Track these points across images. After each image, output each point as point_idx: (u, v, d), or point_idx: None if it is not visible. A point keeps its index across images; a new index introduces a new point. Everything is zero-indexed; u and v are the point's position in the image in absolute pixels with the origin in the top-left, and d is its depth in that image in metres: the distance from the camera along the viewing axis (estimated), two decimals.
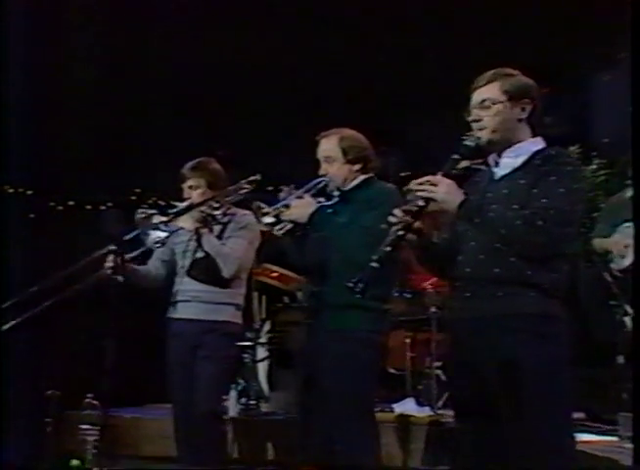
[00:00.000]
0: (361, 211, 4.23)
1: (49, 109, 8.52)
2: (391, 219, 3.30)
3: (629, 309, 5.51)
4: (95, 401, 6.08)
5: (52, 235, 8.72)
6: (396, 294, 6.03)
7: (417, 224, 3.31)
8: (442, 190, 3.24)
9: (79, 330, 6.55)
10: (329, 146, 4.42)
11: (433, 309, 6.07)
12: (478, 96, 3.39)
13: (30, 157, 8.50)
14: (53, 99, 8.52)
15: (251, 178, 4.85)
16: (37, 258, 7.69)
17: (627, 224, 5.73)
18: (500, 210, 3.23)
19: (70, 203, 9.55)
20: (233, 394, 5.75)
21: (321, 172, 4.40)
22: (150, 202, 9.62)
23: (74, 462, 5.43)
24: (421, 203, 3.26)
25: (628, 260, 5.74)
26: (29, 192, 9.25)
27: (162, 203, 9.37)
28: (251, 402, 6.14)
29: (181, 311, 5.04)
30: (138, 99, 8.64)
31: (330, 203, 4.37)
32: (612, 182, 7.16)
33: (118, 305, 4.84)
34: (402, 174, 8.42)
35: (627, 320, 5.58)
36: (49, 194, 9.40)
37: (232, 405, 5.77)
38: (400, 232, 3.27)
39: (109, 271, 4.49)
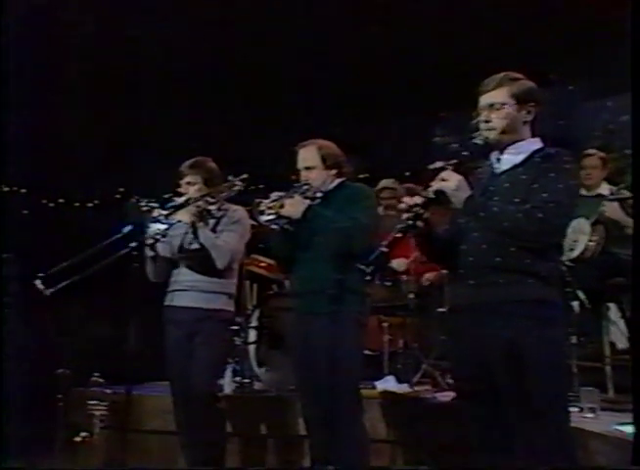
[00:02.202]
0: (346, 207, 4.36)
1: (41, 114, 8.44)
2: (401, 206, 3.37)
3: (581, 295, 5.53)
4: (101, 379, 6.12)
5: (44, 229, 8.70)
6: (377, 282, 6.01)
7: (426, 214, 3.35)
8: (452, 184, 3.29)
9: (87, 315, 6.44)
10: (309, 155, 4.53)
11: (411, 296, 6.05)
12: (487, 99, 3.43)
13: (25, 159, 8.54)
14: (45, 106, 8.42)
15: (242, 177, 4.91)
16: (30, 249, 7.55)
17: (576, 220, 5.75)
18: (502, 204, 3.27)
19: (61, 200, 9.69)
20: (228, 373, 5.67)
21: (303, 180, 4.50)
22: (133, 200, 9.63)
23: None
24: (431, 195, 3.32)
25: (576, 252, 5.78)
26: (24, 190, 9.41)
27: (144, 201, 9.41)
28: (245, 381, 6.10)
29: (178, 300, 4.99)
30: (123, 105, 8.55)
31: (315, 203, 4.42)
32: None
33: (120, 292, 4.83)
34: (360, 176, 8.46)
35: (576, 305, 5.59)
36: (42, 192, 9.55)
37: (227, 384, 5.70)
38: (410, 221, 3.32)
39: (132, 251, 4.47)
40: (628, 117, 8.11)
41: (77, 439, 5.73)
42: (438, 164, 3.45)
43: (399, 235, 3.33)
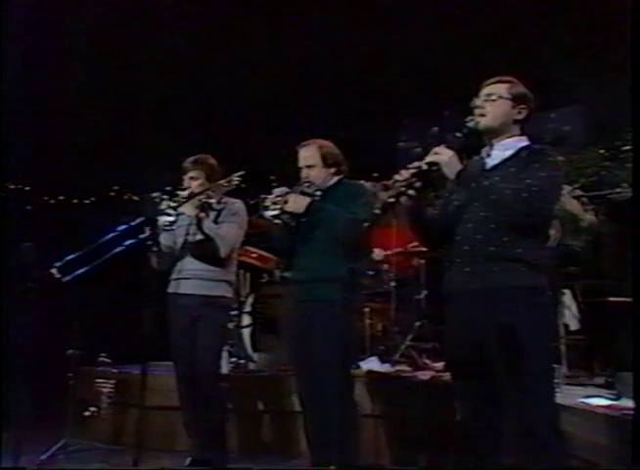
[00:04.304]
0: (344, 203, 4.21)
1: (43, 118, 8.33)
2: (398, 177, 3.25)
3: None
4: (108, 359, 6.02)
5: (45, 223, 8.51)
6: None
7: (418, 184, 3.24)
8: (445, 157, 3.21)
9: (96, 300, 6.30)
10: (310, 153, 4.38)
11: (392, 284, 5.94)
12: (485, 91, 3.35)
13: (29, 159, 8.38)
14: (46, 111, 8.30)
15: (240, 173, 4.79)
16: (33, 243, 7.39)
17: None
18: (493, 181, 3.19)
19: (61, 197, 9.56)
20: (224, 354, 5.51)
21: (303, 177, 4.36)
22: (125, 197, 9.62)
23: None
24: (425, 166, 3.22)
25: None
26: (27, 188, 9.32)
27: (137, 198, 9.41)
28: (241, 362, 5.99)
29: (183, 287, 4.84)
30: (120, 107, 8.41)
31: (315, 199, 4.30)
32: None
33: (126, 280, 4.69)
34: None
35: None
36: (43, 190, 9.40)
37: (224, 364, 5.53)
38: (403, 188, 3.23)
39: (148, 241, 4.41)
40: (570, 127, 8.20)
41: (86, 413, 5.70)
42: (416, 164, 3.36)
43: (393, 200, 3.23)
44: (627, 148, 7.52)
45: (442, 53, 7.83)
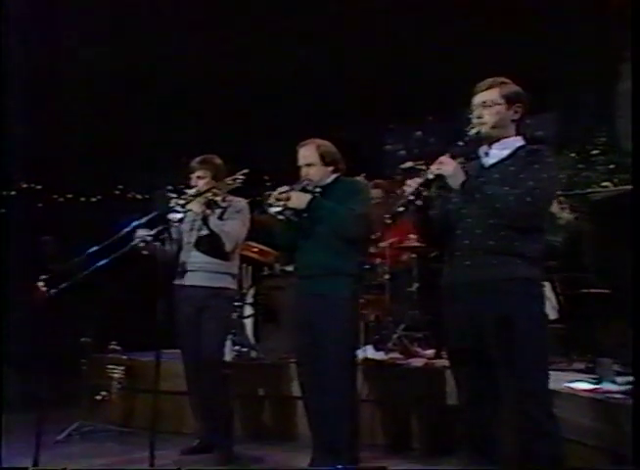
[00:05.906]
0: (343, 198, 4.16)
1: (52, 121, 8.29)
2: (406, 188, 3.23)
3: None
4: (118, 347, 5.97)
5: (55, 219, 8.50)
6: None
7: (425, 193, 3.23)
8: (450, 168, 3.18)
9: (108, 292, 6.24)
10: (309, 153, 4.31)
11: (386, 277, 5.95)
12: (480, 98, 3.31)
13: (39, 160, 8.44)
14: (54, 114, 8.28)
15: (244, 172, 4.75)
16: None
17: None
18: (496, 188, 3.16)
19: (69, 195, 9.52)
20: (228, 343, 5.46)
21: (303, 175, 4.29)
22: (129, 196, 9.57)
23: None
24: (431, 176, 3.20)
25: None
26: (38, 187, 9.28)
27: (140, 197, 9.37)
28: (243, 350, 5.94)
29: (189, 279, 4.82)
30: (124, 110, 8.36)
31: (316, 196, 4.22)
32: None
33: (136, 273, 4.63)
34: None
35: None
36: (53, 189, 9.36)
37: (227, 352, 5.48)
38: (411, 197, 3.20)
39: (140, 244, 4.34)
40: (541, 132, 8.21)
41: (98, 397, 5.69)
42: (408, 164, 3.32)
43: (402, 209, 3.20)
44: (596, 152, 7.60)
45: (428, 62, 7.80)
